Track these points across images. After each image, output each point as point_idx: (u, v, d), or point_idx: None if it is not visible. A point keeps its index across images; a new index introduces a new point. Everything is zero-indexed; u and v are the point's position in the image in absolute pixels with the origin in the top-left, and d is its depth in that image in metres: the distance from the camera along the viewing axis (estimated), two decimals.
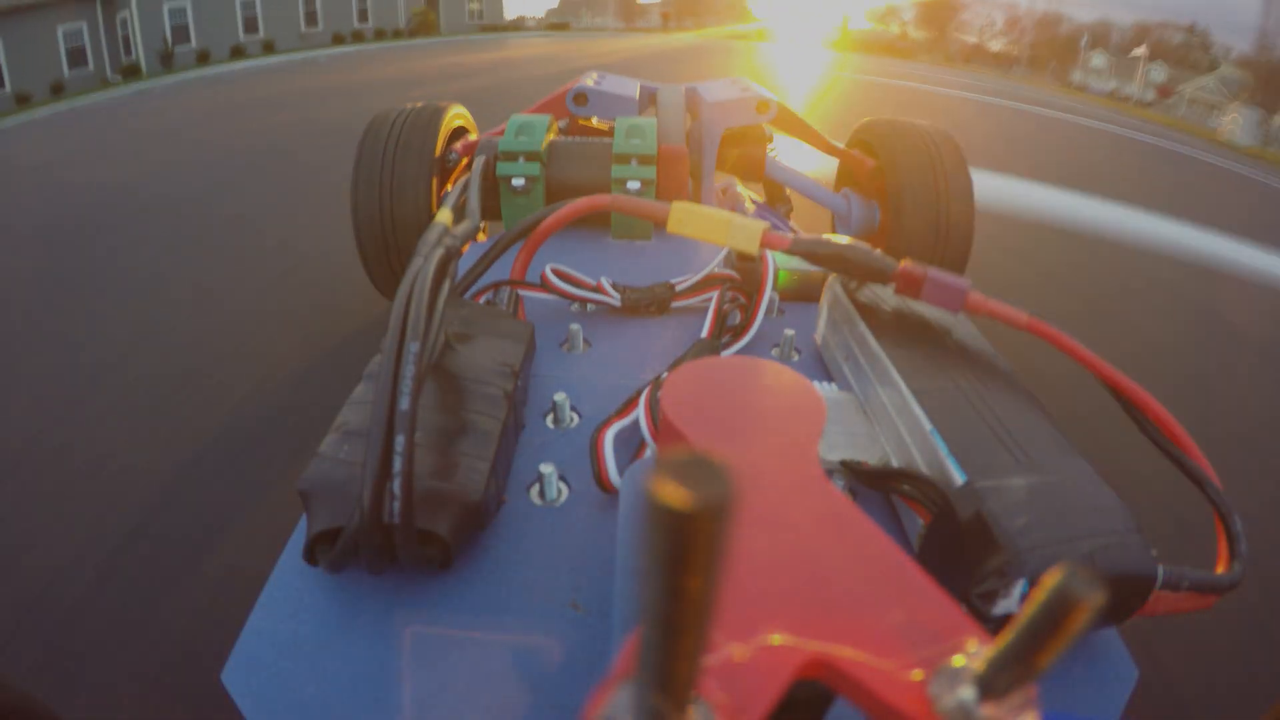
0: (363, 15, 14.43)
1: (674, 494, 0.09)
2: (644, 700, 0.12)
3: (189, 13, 11.84)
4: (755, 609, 0.18)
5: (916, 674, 0.16)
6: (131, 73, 10.25)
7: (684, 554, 0.10)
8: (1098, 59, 25.40)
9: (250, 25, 12.81)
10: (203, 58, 11.09)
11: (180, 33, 11.67)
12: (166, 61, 10.99)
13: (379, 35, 14.10)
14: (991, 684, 0.15)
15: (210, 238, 2.03)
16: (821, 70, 8.94)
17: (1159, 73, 23.38)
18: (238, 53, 11.75)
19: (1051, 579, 0.12)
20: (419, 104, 1.18)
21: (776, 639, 0.17)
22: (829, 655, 0.17)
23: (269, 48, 12.14)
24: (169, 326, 1.52)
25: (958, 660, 0.16)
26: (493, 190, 0.82)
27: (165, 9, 11.51)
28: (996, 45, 29.62)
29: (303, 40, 13.22)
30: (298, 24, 13.62)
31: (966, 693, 0.15)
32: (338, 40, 13.24)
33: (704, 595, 0.10)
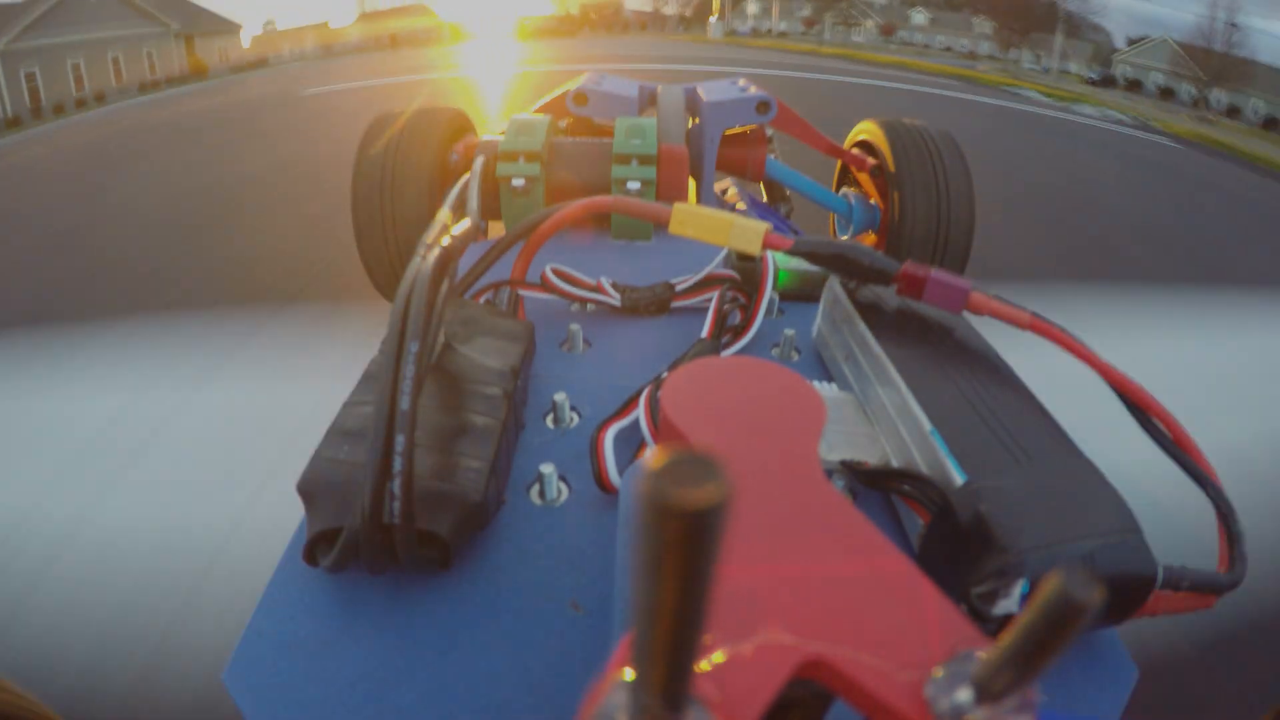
0: (152, 68, 18.90)
1: (668, 492, 0.09)
2: (639, 699, 0.12)
3: (38, 76, 15.39)
4: (752, 608, 0.18)
5: (914, 675, 0.16)
6: (14, 123, 12.62)
7: (679, 552, 0.10)
8: (752, 5, 31.25)
9: (79, 82, 16.48)
10: (59, 109, 13.59)
11: (35, 93, 15.12)
12: (36, 114, 13.71)
13: (169, 82, 17.22)
14: (989, 686, 0.15)
15: None
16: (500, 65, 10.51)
17: (802, 8, 30.55)
18: (81, 103, 14.46)
19: (1050, 581, 0.12)
20: (420, 107, 1.19)
21: (773, 638, 0.17)
22: (826, 655, 0.17)
23: (100, 98, 15.01)
24: None
25: (955, 662, 0.16)
26: (493, 190, 0.82)
27: (21, 73, 14.79)
28: (670, 9, 32.99)
29: (120, 91, 16.49)
30: (110, 78, 17.33)
31: (964, 695, 0.15)
32: (144, 88, 16.06)
33: (699, 594, 0.10)
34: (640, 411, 0.41)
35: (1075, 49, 23.76)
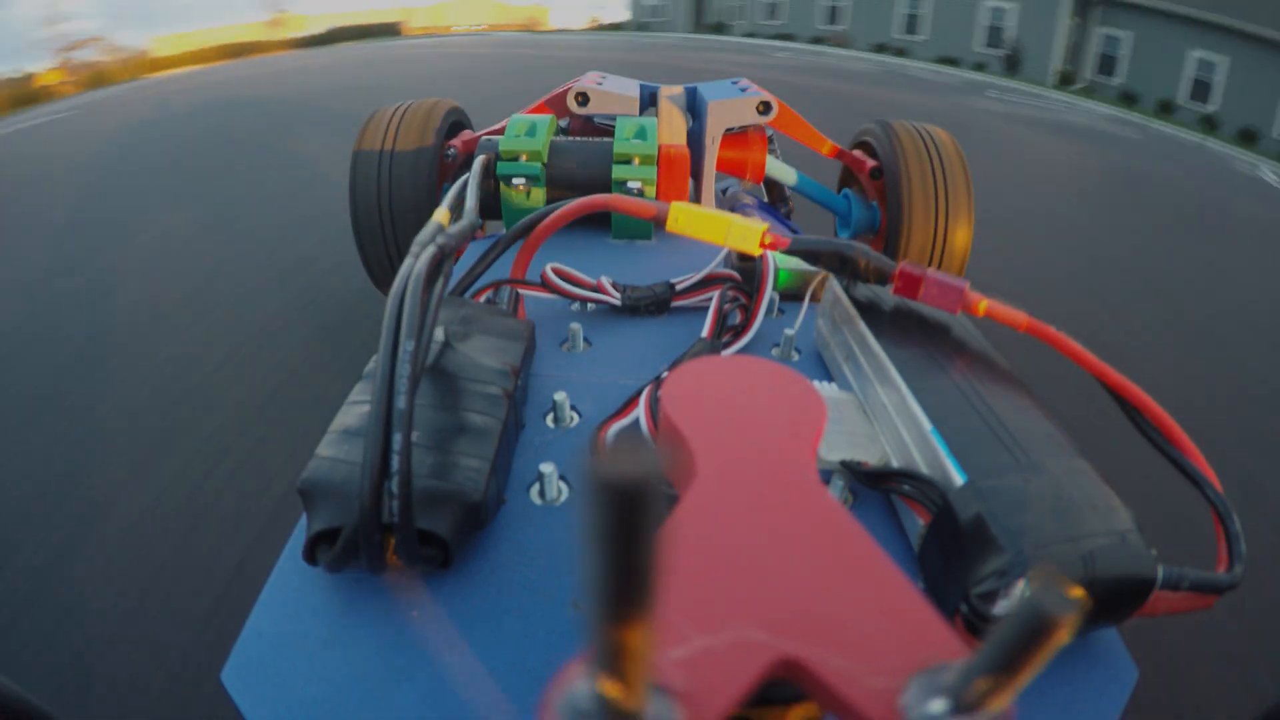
0: None
1: (604, 470, 0.10)
2: (595, 684, 0.12)
3: None
4: (730, 604, 0.18)
5: (889, 682, 0.16)
6: None
7: (615, 529, 0.10)
8: None
9: None
10: None
11: None
12: None
13: None
14: (965, 698, 0.14)
15: None
16: None
17: None
18: None
19: (1031, 588, 0.12)
20: (416, 101, 1.19)
21: (747, 635, 0.17)
22: (800, 656, 0.17)
23: None
24: None
25: (933, 672, 0.16)
26: (492, 190, 0.82)
27: None
28: None
29: None
30: None
31: (938, 705, 0.15)
32: None
33: (639, 573, 0.11)
34: (640, 411, 0.41)
35: None
